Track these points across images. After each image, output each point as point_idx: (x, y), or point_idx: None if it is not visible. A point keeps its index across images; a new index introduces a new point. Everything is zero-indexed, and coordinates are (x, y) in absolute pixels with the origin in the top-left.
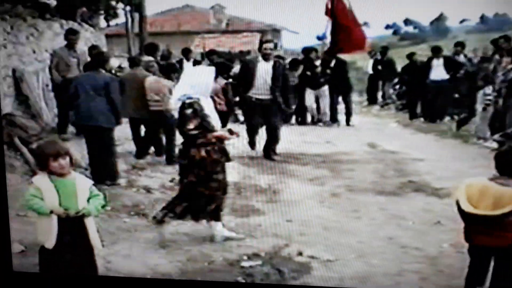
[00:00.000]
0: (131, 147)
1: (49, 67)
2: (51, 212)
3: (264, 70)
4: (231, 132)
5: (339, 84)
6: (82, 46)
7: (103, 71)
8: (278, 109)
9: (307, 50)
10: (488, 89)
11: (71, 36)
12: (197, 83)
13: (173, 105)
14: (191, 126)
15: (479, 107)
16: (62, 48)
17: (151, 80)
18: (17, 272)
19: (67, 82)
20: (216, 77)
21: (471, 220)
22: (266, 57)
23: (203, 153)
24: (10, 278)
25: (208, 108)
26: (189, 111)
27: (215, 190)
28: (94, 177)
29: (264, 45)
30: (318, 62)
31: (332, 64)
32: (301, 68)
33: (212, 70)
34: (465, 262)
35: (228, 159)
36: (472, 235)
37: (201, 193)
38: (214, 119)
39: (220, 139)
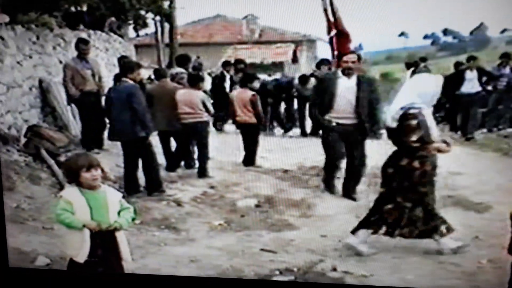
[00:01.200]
0: (161, 160)
1: (63, 81)
2: (84, 226)
3: (346, 88)
4: (447, 144)
5: None
6: (93, 56)
7: (129, 81)
8: (365, 136)
9: (318, 63)
10: None
11: (82, 46)
12: (425, 92)
13: (393, 114)
14: (414, 137)
15: None
16: (74, 59)
17: (182, 92)
18: (13, 268)
19: (85, 95)
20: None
21: None
22: (347, 72)
23: (416, 164)
24: (6, 274)
25: (429, 118)
26: (413, 122)
27: (412, 202)
28: (126, 189)
29: (345, 58)
30: None
31: None
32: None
33: (440, 78)
34: (503, 278)
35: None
36: None
37: (398, 204)
38: (434, 130)
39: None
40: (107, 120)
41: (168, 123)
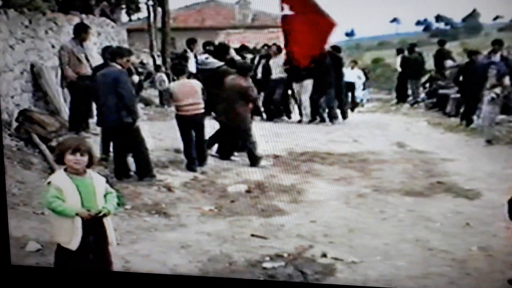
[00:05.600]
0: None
1: (60, 63)
2: (76, 214)
3: None
4: None
5: (323, 79)
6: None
7: (117, 66)
8: None
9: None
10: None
11: (82, 31)
12: None
13: None
14: None
15: None
16: (71, 42)
17: (179, 84)
18: (15, 266)
19: (81, 78)
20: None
21: None
22: None
23: None
24: (8, 272)
25: None
26: None
27: None
28: (116, 174)
29: None
30: None
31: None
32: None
33: None
34: (494, 266)
35: None
36: None
37: None
38: None
39: None
40: (94, 105)
41: None
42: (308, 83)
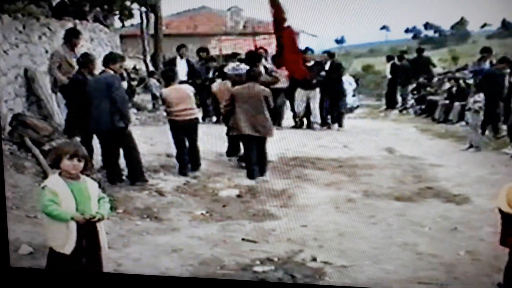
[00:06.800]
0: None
1: (49, 68)
2: (72, 218)
3: None
4: None
5: (332, 87)
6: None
7: (110, 71)
8: None
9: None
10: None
11: (73, 38)
12: None
13: None
14: None
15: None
16: (63, 48)
17: (172, 89)
18: (14, 268)
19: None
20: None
21: (507, 221)
22: None
23: None
24: (7, 274)
25: None
26: None
27: None
28: (109, 179)
29: None
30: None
31: (327, 66)
32: None
33: None
34: (481, 269)
35: None
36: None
37: None
38: None
39: None
40: None
41: None
42: (317, 92)
